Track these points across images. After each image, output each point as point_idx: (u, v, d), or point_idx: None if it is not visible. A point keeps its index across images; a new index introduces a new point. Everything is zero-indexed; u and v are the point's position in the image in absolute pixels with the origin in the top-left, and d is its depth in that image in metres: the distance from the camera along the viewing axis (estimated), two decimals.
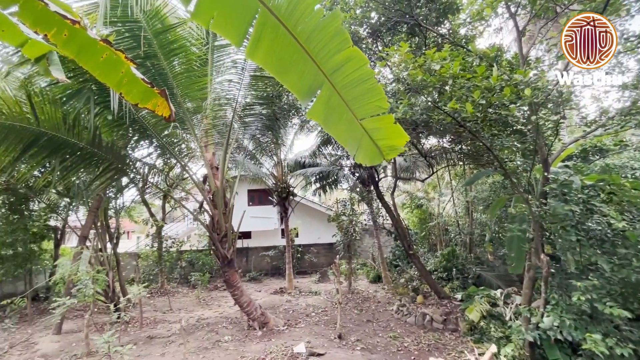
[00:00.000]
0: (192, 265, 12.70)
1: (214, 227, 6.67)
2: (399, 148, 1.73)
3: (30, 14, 1.66)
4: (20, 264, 8.72)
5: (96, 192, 7.10)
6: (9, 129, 4.66)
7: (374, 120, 1.62)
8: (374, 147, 1.74)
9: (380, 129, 1.66)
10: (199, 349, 6.23)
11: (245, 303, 6.92)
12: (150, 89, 2.04)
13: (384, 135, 1.68)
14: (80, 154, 5.54)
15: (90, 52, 1.84)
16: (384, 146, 1.74)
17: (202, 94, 6.27)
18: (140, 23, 5.15)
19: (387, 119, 1.59)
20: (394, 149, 1.75)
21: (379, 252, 10.87)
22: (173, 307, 9.57)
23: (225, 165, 6.72)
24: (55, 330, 7.31)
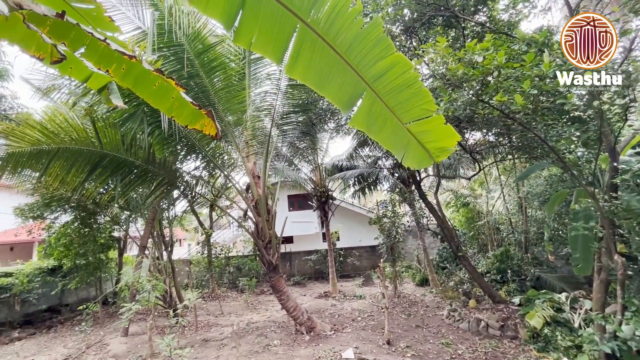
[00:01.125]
0: (239, 271, 13.24)
1: (259, 234, 6.88)
2: (449, 149, 1.65)
3: (94, 53, 1.85)
4: (91, 272, 9.72)
5: (152, 204, 7.70)
6: (79, 153, 5.23)
7: (421, 124, 1.57)
8: (422, 150, 1.68)
9: (428, 132, 1.60)
10: (251, 353, 6.44)
11: (292, 308, 7.03)
12: (198, 110, 2.17)
13: (433, 137, 1.61)
14: (137, 171, 6.05)
15: (145, 82, 2.00)
16: (433, 148, 1.67)
17: (241, 107, 6.53)
18: (183, 46, 5.51)
19: (436, 121, 1.53)
20: (444, 150, 1.67)
21: (425, 254, 10.48)
22: (224, 311, 10.01)
23: (266, 174, 6.92)
24: (123, 332, 8.01)
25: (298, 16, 1.45)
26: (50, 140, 5.02)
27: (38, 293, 9.57)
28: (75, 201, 8.80)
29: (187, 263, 13.01)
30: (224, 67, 6.15)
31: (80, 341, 8.09)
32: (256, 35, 1.58)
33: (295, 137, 8.89)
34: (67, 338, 8.51)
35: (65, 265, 9.48)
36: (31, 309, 9.82)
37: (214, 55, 5.93)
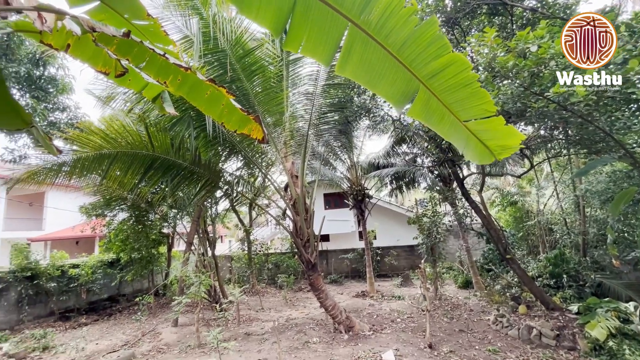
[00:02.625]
0: (277, 268, 13.58)
1: (297, 232, 6.99)
2: (513, 147, 1.56)
3: (154, 66, 1.98)
4: (145, 266, 10.54)
5: (197, 203, 8.14)
6: (134, 156, 5.67)
7: (480, 123, 1.50)
8: (483, 147, 1.61)
9: (488, 131, 1.52)
10: (291, 349, 6.58)
11: (330, 306, 7.07)
12: (247, 116, 2.25)
13: (494, 136, 1.54)
14: (184, 172, 6.43)
15: (198, 91, 2.11)
16: (495, 146, 1.59)
17: (280, 109, 6.67)
18: (226, 51, 5.75)
19: (496, 122, 1.45)
20: (507, 149, 1.58)
21: (468, 255, 9.99)
22: (264, 306, 10.33)
23: (304, 173, 7.01)
24: (173, 323, 8.58)
25: (348, 18, 1.44)
26: (110, 145, 5.50)
27: (100, 283, 10.57)
28: (130, 200, 9.59)
29: (229, 259, 13.61)
30: (263, 70, 6.32)
31: (136, 329, 8.81)
32: (305, 39, 1.60)
33: (331, 136, 8.91)
34: (125, 325, 9.31)
35: (123, 258, 10.37)
36: (94, 297, 10.88)
37: (254, 59, 6.11)
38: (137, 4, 2.13)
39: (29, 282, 9.22)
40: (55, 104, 10.84)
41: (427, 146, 8.65)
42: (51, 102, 10.72)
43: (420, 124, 7.08)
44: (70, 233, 16.31)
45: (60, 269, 9.80)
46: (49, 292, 9.52)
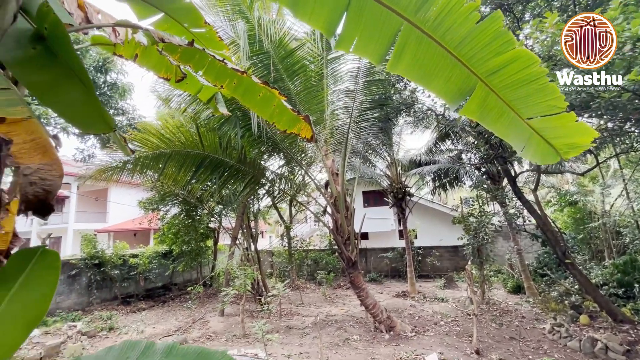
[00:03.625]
0: (316, 264, 13.76)
1: (338, 230, 7.03)
2: (583, 145, 1.43)
3: (212, 71, 2.10)
4: (194, 258, 11.27)
5: (242, 200, 8.51)
6: (186, 155, 6.08)
7: (545, 120, 1.40)
8: (547, 146, 1.50)
9: (555, 128, 1.41)
10: (331, 345, 6.65)
11: (370, 305, 7.03)
12: (297, 116, 2.31)
13: (561, 133, 1.42)
14: (231, 170, 6.75)
15: (251, 93, 2.21)
16: (561, 145, 1.47)
17: (320, 107, 6.73)
18: (269, 53, 5.93)
19: (566, 118, 1.34)
20: (575, 147, 1.46)
21: (519, 258, 9.33)
22: (304, 301, 10.54)
23: (344, 171, 7.01)
24: (220, 312, 9.09)
25: (403, 17, 1.42)
26: (165, 145, 5.94)
27: (155, 273, 11.50)
28: (181, 196, 10.30)
29: (270, 254, 14.06)
30: (304, 70, 6.42)
31: (187, 316, 9.47)
32: (357, 39, 1.61)
33: (371, 133, 8.79)
34: (177, 312, 10.04)
35: (175, 250, 11.19)
36: (150, 285, 11.87)
37: (295, 59, 6.23)
38: (197, 13, 2.28)
39: (97, 269, 10.30)
40: (116, 108, 11.94)
41: (474, 142, 8.19)
42: (113, 107, 11.81)
43: (467, 119, 6.73)
44: (130, 225, 17.94)
45: (122, 258, 10.83)
46: (113, 278, 10.56)
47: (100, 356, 1.27)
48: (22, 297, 1.23)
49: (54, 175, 1.16)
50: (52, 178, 1.16)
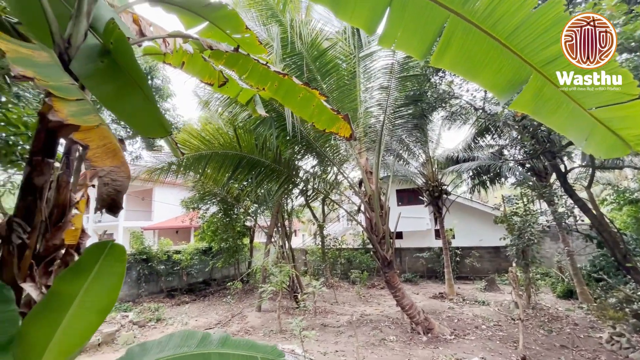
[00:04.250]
0: (350, 263, 13.73)
1: (372, 229, 6.96)
2: None
3: (255, 75, 2.18)
4: (232, 255, 11.73)
5: (276, 199, 8.70)
6: (225, 156, 6.34)
7: (613, 109, 1.29)
8: (614, 137, 1.38)
9: (624, 118, 1.30)
10: (367, 344, 6.61)
11: (407, 305, 6.88)
12: (336, 115, 2.33)
13: (631, 123, 1.30)
14: (267, 170, 6.93)
15: (292, 94, 2.26)
16: (631, 136, 1.34)
17: (353, 105, 6.70)
18: (302, 54, 6.00)
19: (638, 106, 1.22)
20: None
21: (570, 261, 8.65)
22: (338, 300, 10.56)
23: (378, 169, 6.93)
24: (257, 308, 9.38)
25: (450, 9, 1.39)
26: (205, 147, 6.24)
27: (196, 268, 12.11)
28: (220, 196, 10.76)
29: (303, 252, 14.25)
30: (337, 69, 6.42)
31: (226, 310, 9.87)
32: (400, 35, 1.59)
33: (405, 130, 8.59)
34: (217, 306, 10.51)
35: (214, 247, 11.72)
36: (192, 280, 12.53)
37: (328, 59, 6.25)
38: (239, 19, 2.37)
39: (145, 263, 11.07)
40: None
41: (517, 137, 7.70)
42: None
43: (510, 113, 6.35)
44: (173, 223, 19.05)
45: (166, 254, 11.54)
46: (159, 272, 11.28)
47: (163, 342, 1.37)
48: (95, 287, 1.36)
49: (123, 177, 1.27)
50: (121, 179, 1.27)
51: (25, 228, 1.38)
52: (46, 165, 1.41)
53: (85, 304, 1.29)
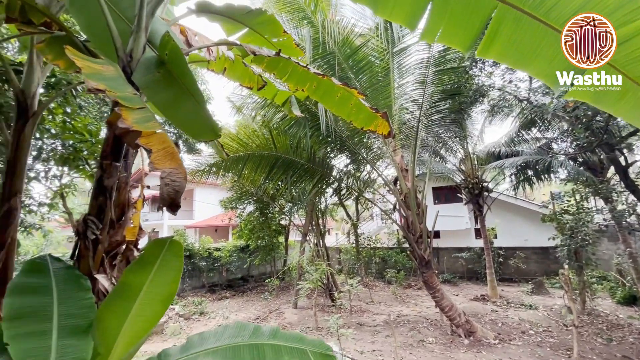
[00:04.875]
0: (384, 262, 13.54)
1: (409, 227, 6.81)
2: None
3: (294, 77, 2.23)
4: (268, 252, 12.06)
5: (311, 198, 8.81)
6: (261, 157, 6.54)
7: None
8: None
9: None
10: (405, 345, 6.50)
11: (447, 307, 6.66)
12: (374, 113, 2.32)
13: None
14: (301, 169, 7.05)
15: (330, 94, 2.29)
16: None
17: (387, 102, 6.59)
18: (334, 53, 6.01)
19: None
20: None
21: (633, 263, 7.84)
22: (373, 299, 10.47)
23: (414, 167, 6.76)
24: (294, 305, 9.56)
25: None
26: (243, 149, 6.48)
27: (235, 265, 12.61)
28: (256, 196, 11.12)
29: (337, 251, 14.28)
30: (370, 66, 6.36)
31: (263, 306, 10.18)
32: (443, 28, 1.56)
33: (442, 125, 8.28)
34: (255, 302, 10.87)
35: (251, 245, 12.12)
36: (231, 276, 13.07)
37: (361, 57, 6.21)
38: (277, 24, 2.44)
39: (188, 259, 11.72)
40: None
41: (569, 129, 7.11)
42: None
43: (560, 103, 5.90)
44: (213, 222, 19.99)
45: (207, 251, 12.14)
46: (201, 269, 11.90)
47: (219, 332, 1.47)
48: (158, 279, 1.48)
49: (180, 177, 1.38)
50: (179, 180, 1.37)
51: (97, 225, 1.55)
52: (114, 168, 1.56)
53: (150, 294, 1.41)
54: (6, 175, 1.75)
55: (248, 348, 1.34)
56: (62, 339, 1.19)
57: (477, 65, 6.87)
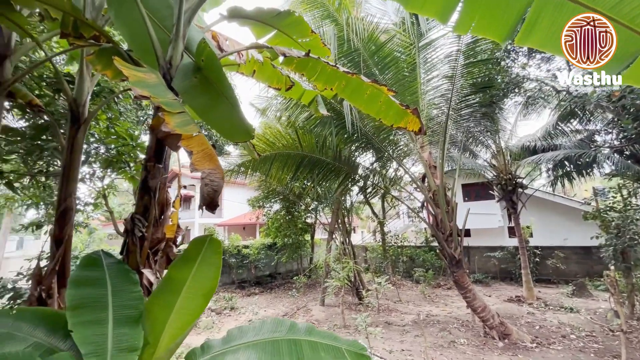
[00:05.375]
0: (412, 261, 13.28)
1: (438, 226, 6.64)
2: None
3: (323, 76, 2.25)
4: (295, 250, 12.22)
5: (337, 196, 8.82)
6: (287, 156, 6.63)
7: None
8: None
9: None
10: (436, 345, 6.36)
11: (479, 308, 6.44)
12: (404, 110, 2.29)
13: None
14: (326, 168, 7.07)
15: (358, 92, 2.29)
16: None
17: (414, 98, 6.45)
18: (359, 50, 5.98)
19: None
20: None
21: None
22: (401, 298, 10.32)
23: (443, 163, 6.58)
24: (321, 302, 9.64)
25: None
26: (270, 149, 6.60)
27: (263, 262, 12.89)
28: (282, 194, 11.30)
29: (363, 249, 14.19)
30: (395, 62, 6.26)
31: (291, 303, 10.33)
32: (477, 19, 1.52)
33: (473, 120, 7.98)
34: (283, 299, 11.06)
35: (278, 243, 12.33)
36: (259, 273, 13.37)
37: (386, 53, 6.13)
38: (304, 24, 2.47)
39: None
40: None
41: (614, 119, 6.59)
42: None
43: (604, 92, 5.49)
44: (241, 220, 20.55)
45: (237, 248, 12.50)
46: (231, 265, 12.27)
47: (257, 327, 1.53)
48: (199, 275, 1.55)
49: (218, 177, 1.44)
50: (218, 180, 1.44)
51: (143, 223, 1.65)
52: (157, 169, 1.66)
53: (193, 288, 1.49)
54: (62, 178, 1.92)
55: (286, 343, 1.39)
56: (117, 327, 1.30)
57: (509, 56, 6.55)
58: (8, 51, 1.82)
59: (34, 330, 1.27)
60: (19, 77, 1.84)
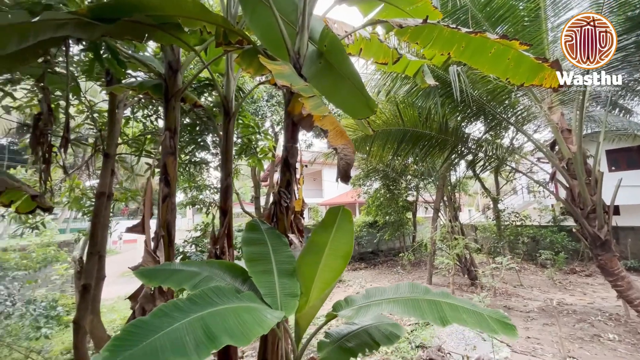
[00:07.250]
0: (535, 242, 11.58)
1: (575, 200, 5.60)
2: None
3: (439, 41, 2.14)
4: (397, 228, 12.14)
5: (442, 172, 8.30)
6: (389, 132, 6.54)
7: None
8: None
9: None
10: (573, 338, 5.55)
11: (636, 299, 5.27)
12: (539, 64, 2.01)
13: None
14: (431, 141, 6.70)
15: (481, 52, 2.10)
16: None
17: (538, 50, 5.43)
18: (465, 6, 5.34)
19: None
20: None
21: None
22: (523, 283, 9.21)
23: (581, 126, 5.44)
24: (427, 281, 9.42)
25: None
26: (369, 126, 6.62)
27: (365, 239, 13.25)
28: (382, 172, 11.25)
29: (473, 228, 13.06)
30: (512, 11, 5.37)
31: (396, 280, 10.41)
32: None
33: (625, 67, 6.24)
34: (387, 275, 11.23)
35: (379, 221, 12.44)
36: (362, 250, 13.83)
37: (500, 3, 5.31)
38: None
39: None
40: None
41: None
42: None
43: None
44: (342, 199, 21.49)
45: None
46: None
47: (394, 288, 1.67)
48: (337, 239, 1.76)
49: (350, 152, 1.58)
50: (350, 154, 1.58)
51: (287, 195, 1.95)
52: (295, 149, 1.92)
53: (333, 250, 1.71)
54: (223, 161, 2.41)
55: (427, 302, 1.48)
56: (280, 277, 1.61)
57: None
58: (179, 65, 2.37)
59: (224, 275, 1.70)
60: (188, 84, 2.38)
